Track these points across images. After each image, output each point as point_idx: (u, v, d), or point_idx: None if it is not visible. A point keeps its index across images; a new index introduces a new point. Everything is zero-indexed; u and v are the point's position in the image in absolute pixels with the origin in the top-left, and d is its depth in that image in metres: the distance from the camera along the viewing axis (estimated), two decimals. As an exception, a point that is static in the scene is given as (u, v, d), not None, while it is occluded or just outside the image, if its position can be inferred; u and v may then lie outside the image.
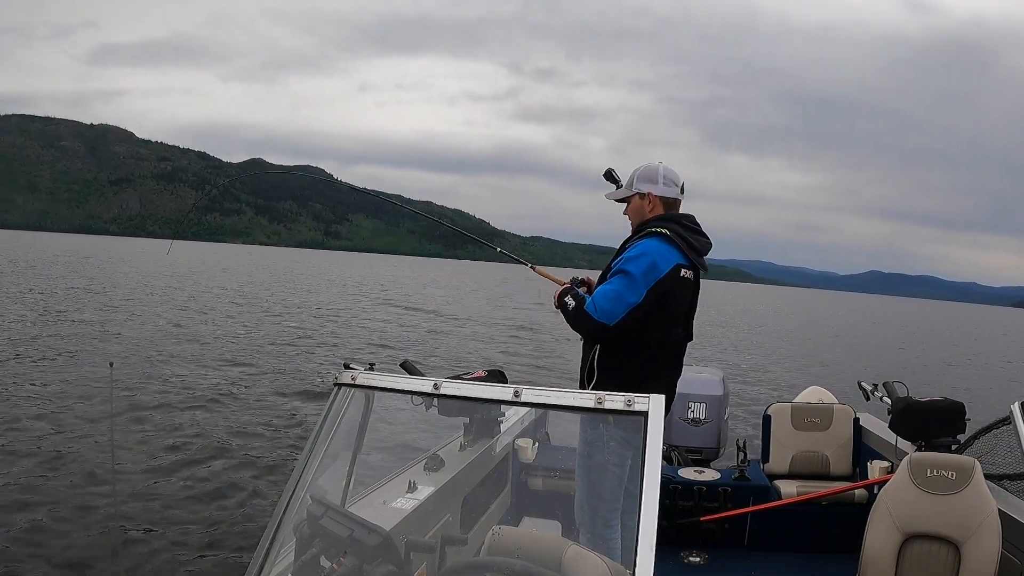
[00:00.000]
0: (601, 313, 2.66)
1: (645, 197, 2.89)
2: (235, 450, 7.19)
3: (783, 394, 10.49)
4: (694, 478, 3.98)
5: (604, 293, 2.70)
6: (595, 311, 2.67)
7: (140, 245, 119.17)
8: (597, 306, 2.68)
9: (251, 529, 5.18)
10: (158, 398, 9.10)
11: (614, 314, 2.66)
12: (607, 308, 2.66)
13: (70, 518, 5.20)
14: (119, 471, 6.30)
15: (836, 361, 19.60)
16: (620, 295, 2.67)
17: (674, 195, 2.92)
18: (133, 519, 5.30)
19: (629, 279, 2.68)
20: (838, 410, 4.34)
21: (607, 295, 2.69)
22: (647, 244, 2.74)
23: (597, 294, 2.72)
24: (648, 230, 2.80)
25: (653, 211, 2.89)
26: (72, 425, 7.56)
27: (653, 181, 2.89)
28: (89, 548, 4.75)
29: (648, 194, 2.88)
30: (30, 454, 6.59)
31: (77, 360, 11.33)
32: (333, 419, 2.02)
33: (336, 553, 1.72)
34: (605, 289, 2.71)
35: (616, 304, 2.66)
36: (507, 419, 3.99)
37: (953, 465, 2.79)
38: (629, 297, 2.66)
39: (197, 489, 6.04)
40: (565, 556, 1.65)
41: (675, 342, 2.86)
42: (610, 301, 2.67)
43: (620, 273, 2.71)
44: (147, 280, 32.42)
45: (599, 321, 2.67)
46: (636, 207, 2.92)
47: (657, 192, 2.88)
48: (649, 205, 2.89)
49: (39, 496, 5.60)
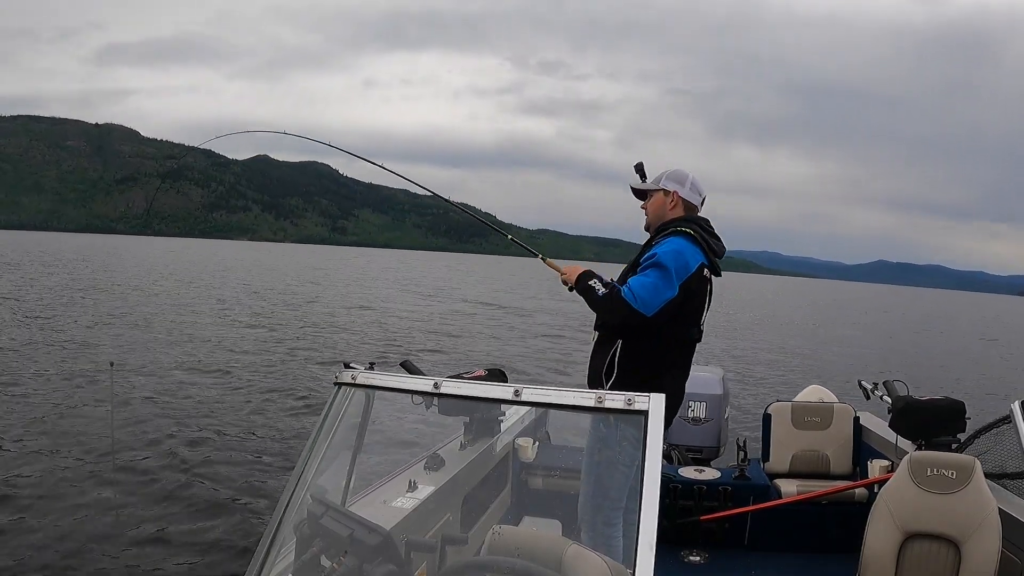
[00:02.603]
0: (641, 303, 2.68)
1: (670, 195, 2.94)
2: (235, 449, 7.21)
3: (783, 393, 10.48)
4: (694, 477, 3.98)
5: (642, 284, 2.72)
6: (634, 300, 2.69)
7: (145, 244, 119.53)
8: (636, 295, 2.69)
9: (251, 529, 5.20)
10: (158, 398, 9.11)
11: (652, 305, 2.69)
12: (646, 298, 2.69)
13: (70, 517, 5.22)
14: (119, 470, 6.33)
15: (838, 357, 19.53)
16: (658, 288, 2.70)
17: (696, 202, 2.98)
18: (133, 518, 5.32)
19: (665, 273, 2.71)
20: (838, 409, 4.33)
21: (645, 286, 2.71)
22: (677, 241, 2.80)
23: (634, 283, 2.73)
24: (675, 228, 2.86)
25: (674, 211, 2.94)
26: (72, 425, 7.60)
27: (681, 183, 2.95)
28: (89, 548, 4.77)
29: (674, 193, 2.94)
30: (30, 454, 6.62)
31: (77, 360, 11.38)
32: (333, 418, 2.03)
33: (336, 552, 1.72)
34: (642, 280, 2.73)
35: (655, 296, 2.70)
36: (507, 418, 3.99)
37: (953, 464, 2.80)
38: (666, 291, 2.71)
39: (197, 488, 6.06)
40: (565, 556, 1.66)
41: (691, 341, 2.92)
42: (649, 292, 2.69)
43: (655, 266, 2.74)
44: (148, 279, 32.53)
45: (637, 310, 2.69)
46: (658, 203, 2.96)
47: (683, 194, 2.94)
48: (671, 204, 2.94)
49: (39, 495, 5.63)
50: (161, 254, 51.75)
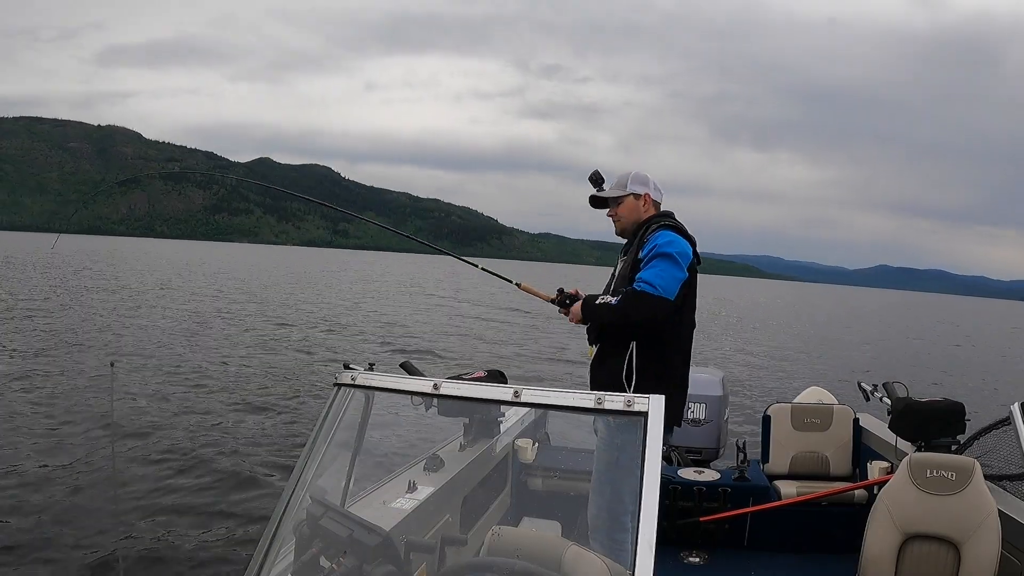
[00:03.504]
0: (662, 290, 2.69)
1: (640, 198, 2.99)
2: (235, 449, 7.22)
3: (783, 395, 10.47)
4: (694, 478, 3.98)
5: (655, 274, 2.72)
6: (654, 289, 2.68)
7: (147, 245, 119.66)
8: (655, 284, 2.69)
9: (251, 529, 5.20)
10: (159, 397, 9.12)
11: (671, 290, 2.71)
12: (664, 285, 2.69)
13: (69, 517, 5.22)
14: (119, 470, 6.33)
15: (837, 359, 19.50)
16: (672, 272, 2.72)
17: (661, 200, 3.05)
18: (133, 518, 5.32)
19: (671, 259, 2.73)
20: (838, 410, 4.33)
21: (659, 275, 2.71)
22: (669, 233, 2.83)
23: (646, 275, 2.73)
24: (658, 223, 2.88)
25: (647, 212, 3.00)
26: (72, 424, 7.60)
27: (647, 184, 3.00)
28: (89, 547, 4.77)
29: (645, 195, 3.00)
30: (29, 453, 6.62)
31: (78, 359, 11.39)
32: (333, 419, 2.03)
33: (336, 553, 1.72)
34: (652, 271, 2.73)
35: (671, 281, 2.71)
36: (507, 419, 4.00)
37: (953, 465, 2.80)
38: (678, 273, 2.73)
39: (197, 488, 6.06)
40: (565, 556, 1.66)
41: (692, 329, 2.97)
42: (664, 279, 2.70)
43: (659, 256, 2.75)
44: (149, 279, 32.57)
45: (662, 296, 2.69)
46: (631, 207, 3.00)
47: (652, 195, 3.01)
48: (644, 206, 3.00)
49: (38, 495, 5.63)
50: (162, 255, 51.71)
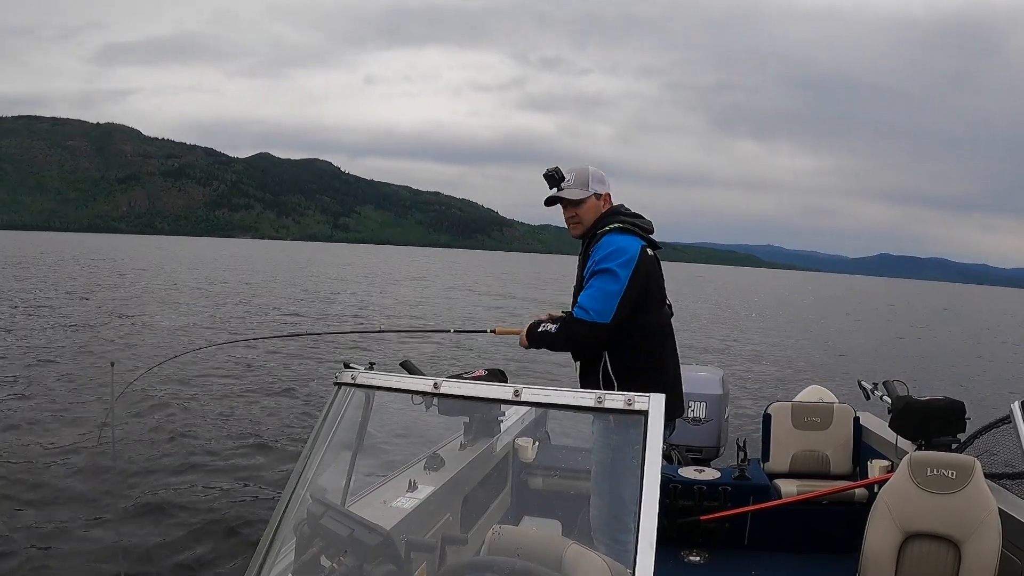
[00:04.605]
0: (595, 314, 2.66)
1: (602, 197, 2.94)
2: (235, 449, 7.22)
3: (783, 393, 10.47)
4: (694, 477, 3.98)
5: (589, 295, 2.70)
6: (587, 314, 2.67)
7: (147, 242, 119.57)
8: (588, 308, 2.68)
9: (251, 529, 5.20)
10: (159, 398, 9.10)
11: (606, 312, 2.67)
12: (598, 307, 2.67)
13: (69, 517, 5.23)
14: (119, 470, 6.34)
15: (838, 357, 19.45)
16: (606, 292, 2.68)
17: (612, 193, 3.00)
18: (133, 518, 5.33)
19: (608, 274, 2.70)
20: (838, 409, 4.33)
21: (593, 296, 2.69)
22: (609, 239, 2.79)
23: (583, 300, 2.71)
24: (602, 230, 2.85)
25: (604, 209, 2.95)
26: (72, 424, 7.62)
27: (603, 182, 2.95)
28: (88, 547, 4.78)
29: (606, 195, 2.95)
30: (29, 453, 6.63)
31: (78, 359, 11.39)
32: (333, 419, 2.03)
33: (336, 552, 1.73)
34: (587, 293, 2.71)
35: (605, 301, 2.67)
36: (507, 418, 4.00)
37: (953, 464, 2.80)
38: (612, 286, 2.68)
39: (197, 488, 6.07)
40: (565, 555, 1.66)
41: (667, 322, 2.94)
42: (598, 300, 2.67)
43: (597, 274, 2.73)
44: (149, 278, 32.53)
45: (594, 322, 2.66)
46: (594, 207, 2.93)
47: (610, 192, 2.97)
48: (604, 204, 2.95)
49: (38, 495, 5.64)
50: (162, 253, 51.60)
